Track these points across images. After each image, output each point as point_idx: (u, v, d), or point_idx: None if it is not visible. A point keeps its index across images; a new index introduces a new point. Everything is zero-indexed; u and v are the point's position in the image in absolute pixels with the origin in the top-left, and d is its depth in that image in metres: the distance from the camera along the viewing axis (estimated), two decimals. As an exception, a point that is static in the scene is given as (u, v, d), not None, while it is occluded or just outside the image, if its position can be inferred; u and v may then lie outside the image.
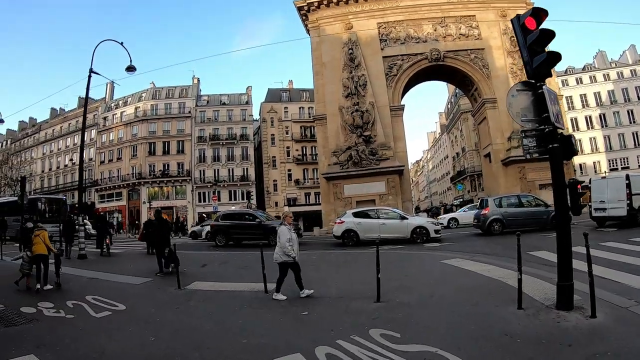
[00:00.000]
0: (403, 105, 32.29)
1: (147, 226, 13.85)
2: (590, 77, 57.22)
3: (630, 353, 4.35)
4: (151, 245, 14.32)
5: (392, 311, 6.32)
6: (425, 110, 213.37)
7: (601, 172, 50.10)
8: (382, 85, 31.04)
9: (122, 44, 16.15)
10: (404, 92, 33.19)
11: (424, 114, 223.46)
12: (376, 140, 29.64)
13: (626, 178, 16.18)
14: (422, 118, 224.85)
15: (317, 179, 45.42)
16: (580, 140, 51.58)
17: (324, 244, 19.42)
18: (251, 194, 49.90)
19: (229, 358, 4.96)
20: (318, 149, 35.81)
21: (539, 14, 5.93)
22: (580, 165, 52.79)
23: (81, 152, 17.39)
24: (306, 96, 58.96)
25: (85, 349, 5.45)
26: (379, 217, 17.60)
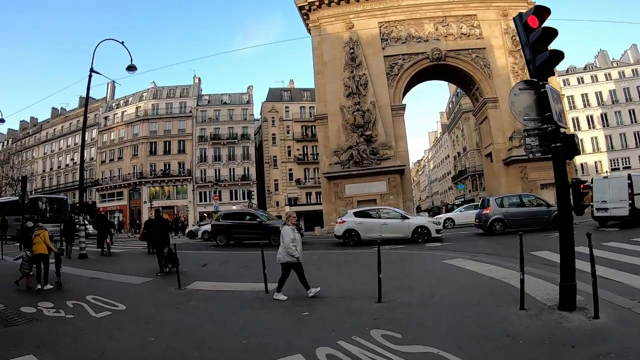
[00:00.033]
0: (404, 104, 32.22)
1: (148, 226, 13.86)
2: (591, 77, 57.16)
3: (634, 354, 4.31)
4: (151, 244, 14.32)
5: (394, 311, 6.29)
6: (427, 109, 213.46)
7: (603, 172, 50.04)
8: (383, 85, 30.97)
9: (123, 43, 16.13)
10: (405, 92, 33.11)
11: (425, 114, 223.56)
12: (377, 139, 29.58)
13: (628, 178, 16.09)
14: (424, 117, 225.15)
15: (318, 178, 45.40)
16: (581, 140, 51.42)
17: (325, 243, 19.40)
18: (252, 193, 49.88)
19: (230, 358, 4.94)
20: (319, 148, 35.72)
21: (542, 12, 5.89)
22: (582, 165, 52.78)
23: (82, 152, 17.39)
24: (307, 96, 58.95)
25: (85, 349, 5.44)
26: (380, 217, 17.57)
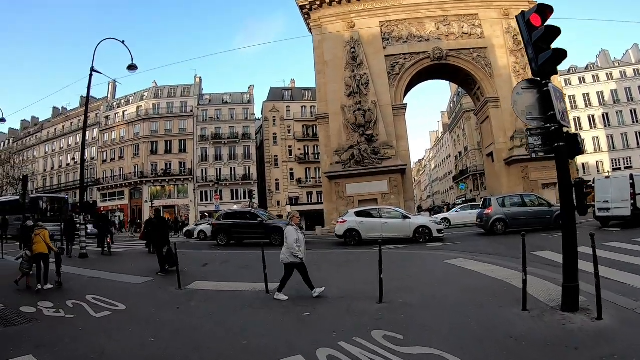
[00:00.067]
0: (405, 104, 32.18)
1: (148, 225, 13.85)
2: (593, 76, 57.08)
3: (637, 356, 4.27)
4: (152, 244, 14.30)
5: (395, 312, 6.24)
6: (428, 109, 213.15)
7: (604, 172, 49.98)
8: (385, 84, 30.94)
9: (124, 42, 16.12)
10: (407, 91, 33.08)
11: (427, 113, 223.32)
12: (378, 139, 29.55)
13: (630, 178, 16.01)
14: (425, 117, 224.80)
15: (319, 178, 45.35)
16: (583, 140, 51.15)
17: (326, 243, 19.36)
18: (253, 193, 49.87)
19: (229, 359, 4.90)
20: (320, 147, 35.70)
21: (544, 11, 5.84)
22: (583, 164, 52.73)
23: (82, 151, 17.37)
24: (308, 95, 58.88)
25: (84, 349, 5.41)
26: (381, 217, 17.53)
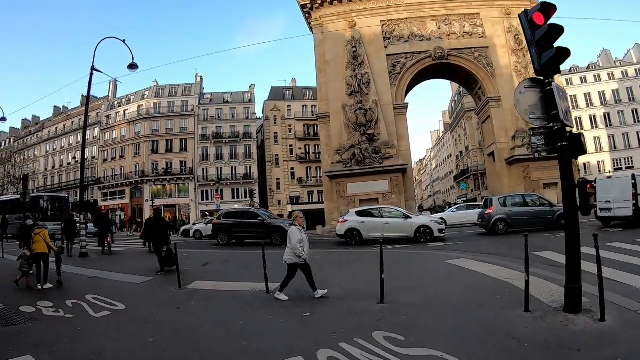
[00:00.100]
0: (407, 103, 32.15)
1: (148, 224, 13.84)
2: (594, 76, 56.98)
3: (641, 358, 4.23)
4: (151, 243, 14.27)
5: (396, 313, 6.20)
6: (429, 108, 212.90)
7: (605, 172, 49.88)
8: (386, 84, 30.88)
9: (124, 41, 16.09)
10: (408, 91, 33.03)
11: (428, 113, 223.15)
12: (379, 138, 29.49)
13: (632, 178, 15.96)
14: (426, 116, 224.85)
15: (320, 177, 45.25)
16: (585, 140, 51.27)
17: (327, 242, 19.33)
18: (254, 192, 49.83)
19: (229, 360, 4.86)
20: (321, 147, 35.66)
21: (547, 9, 5.78)
22: (585, 164, 52.64)
23: (83, 150, 17.33)
24: (309, 94, 58.81)
25: (83, 349, 5.38)
26: (382, 216, 17.50)
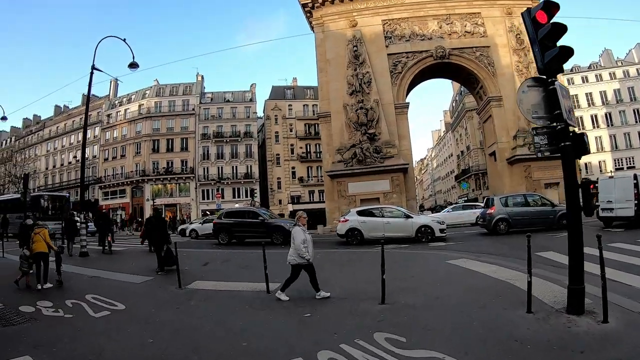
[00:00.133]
0: (408, 103, 32.08)
1: (148, 224, 13.81)
2: (596, 76, 56.87)
3: (645, 360, 4.19)
4: (151, 243, 14.22)
5: (398, 313, 6.15)
6: (430, 108, 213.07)
7: (607, 172, 49.83)
8: (387, 83, 30.82)
9: (125, 40, 16.07)
10: (409, 90, 32.97)
11: (429, 112, 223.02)
12: (381, 138, 29.44)
13: (634, 178, 15.88)
14: (427, 116, 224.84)
15: (321, 176, 45.21)
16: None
17: (328, 242, 19.25)
18: (255, 191, 49.88)
19: (229, 361, 4.83)
20: (322, 146, 35.63)
21: (550, 8, 5.73)
22: (586, 164, 52.54)
23: (83, 149, 17.31)
24: (310, 93, 58.79)
25: (82, 349, 5.35)
26: (383, 216, 17.44)
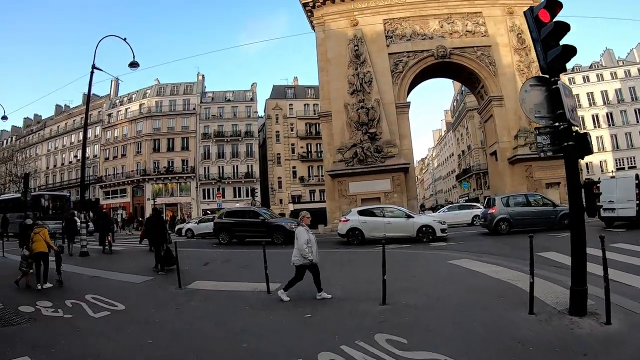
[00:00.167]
0: (409, 102, 31.96)
1: (148, 223, 13.80)
2: (597, 76, 56.76)
3: (649, 363, 4.14)
4: (151, 242, 14.20)
5: (399, 314, 6.11)
6: (431, 107, 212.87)
7: (608, 172, 49.74)
8: (388, 82, 30.72)
9: (125, 39, 16.07)
10: (410, 89, 32.87)
11: (430, 112, 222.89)
12: (381, 137, 29.35)
13: (636, 178, 15.83)
14: (428, 115, 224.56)
15: (322, 176, 45.24)
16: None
17: (329, 242, 19.18)
18: (256, 191, 49.82)
19: (228, 363, 4.80)
20: (323, 146, 35.57)
21: (553, 6, 5.69)
22: (587, 164, 52.36)
23: (83, 149, 17.28)
24: (311, 93, 58.71)
25: (81, 350, 5.32)
26: (384, 216, 17.37)
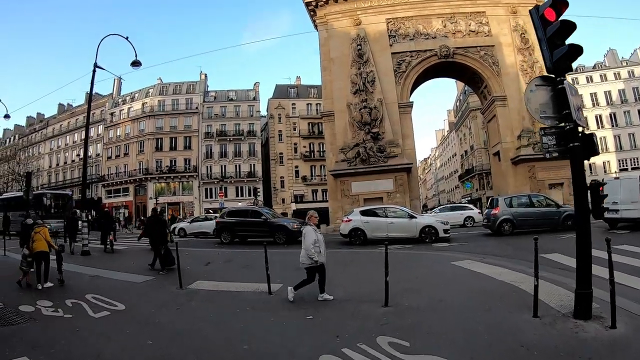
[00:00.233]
0: (412, 102, 31.87)
1: (147, 222, 13.76)
2: (600, 76, 56.51)
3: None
4: (151, 242, 14.16)
5: (401, 316, 6.04)
6: (434, 107, 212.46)
7: (611, 172, 49.55)
8: (391, 82, 30.61)
9: (127, 38, 16.06)
10: (413, 89, 32.75)
11: (433, 111, 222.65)
12: (384, 137, 29.27)
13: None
14: (431, 115, 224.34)
15: (325, 175, 45.17)
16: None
17: (331, 242, 19.05)
18: (258, 190, 49.80)
19: (229, 365, 4.74)
20: (325, 145, 35.53)
21: (559, 5, 5.61)
22: (590, 165, 52.07)
23: (85, 147, 17.25)
24: (314, 92, 58.66)
25: (80, 351, 5.29)
26: (387, 216, 17.30)
